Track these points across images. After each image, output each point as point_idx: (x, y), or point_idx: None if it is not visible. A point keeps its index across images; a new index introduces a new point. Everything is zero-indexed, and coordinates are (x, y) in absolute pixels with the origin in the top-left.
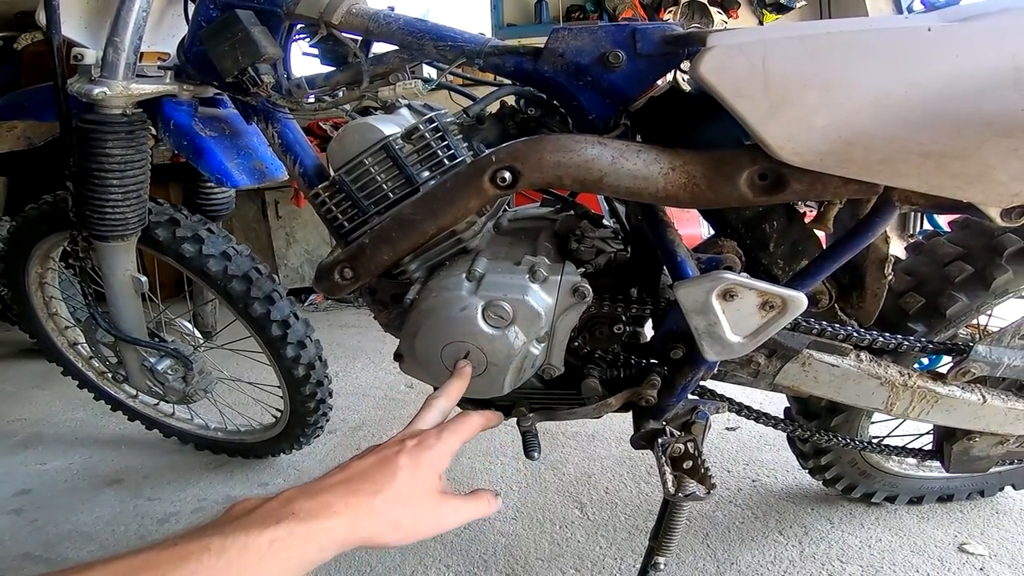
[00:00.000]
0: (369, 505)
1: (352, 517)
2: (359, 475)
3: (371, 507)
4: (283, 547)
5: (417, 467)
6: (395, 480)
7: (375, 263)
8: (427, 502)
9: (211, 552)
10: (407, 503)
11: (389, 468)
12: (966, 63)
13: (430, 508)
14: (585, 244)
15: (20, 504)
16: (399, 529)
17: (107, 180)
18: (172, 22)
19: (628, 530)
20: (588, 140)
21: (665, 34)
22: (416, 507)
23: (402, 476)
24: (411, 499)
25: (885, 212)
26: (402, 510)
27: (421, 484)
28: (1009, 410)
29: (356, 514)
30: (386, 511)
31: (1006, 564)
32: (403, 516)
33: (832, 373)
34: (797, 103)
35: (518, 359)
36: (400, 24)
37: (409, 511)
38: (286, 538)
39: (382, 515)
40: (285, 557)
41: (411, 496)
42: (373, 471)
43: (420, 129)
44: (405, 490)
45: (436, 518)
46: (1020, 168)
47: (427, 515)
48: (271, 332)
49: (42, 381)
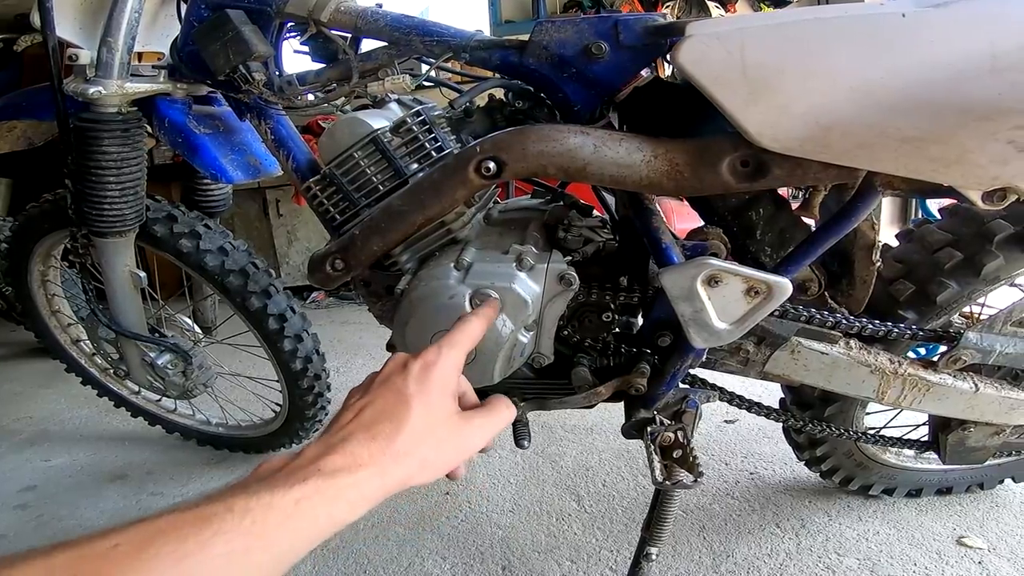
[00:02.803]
0: (392, 450)
1: (378, 468)
2: (374, 416)
3: (395, 452)
4: (310, 505)
5: (428, 393)
6: (410, 413)
7: (366, 254)
8: (447, 428)
9: (234, 513)
10: (428, 436)
11: (401, 402)
12: (941, 49)
13: (452, 434)
14: (573, 233)
15: (25, 500)
16: (427, 466)
17: (104, 177)
18: (165, 22)
19: (625, 522)
20: (571, 130)
21: (647, 25)
22: (438, 438)
23: (416, 407)
24: (431, 430)
25: (868, 197)
26: (425, 446)
27: (437, 411)
28: (1003, 399)
29: (381, 463)
30: (411, 451)
31: (1005, 558)
32: (428, 451)
33: (822, 361)
34: (775, 90)
35: (507, 347)
36: (388, 20)
37: (432, 444)
38: (313, 496)
39: (407, 456)
40: (312, 516)
41: (430, 427)
42: (387, 408)
43: (408, 122)
44: (422, 423)
45: (460, 442)
46: (998, 151)
47: (451, 443)
48: (268, 326)
49: (47, 380)
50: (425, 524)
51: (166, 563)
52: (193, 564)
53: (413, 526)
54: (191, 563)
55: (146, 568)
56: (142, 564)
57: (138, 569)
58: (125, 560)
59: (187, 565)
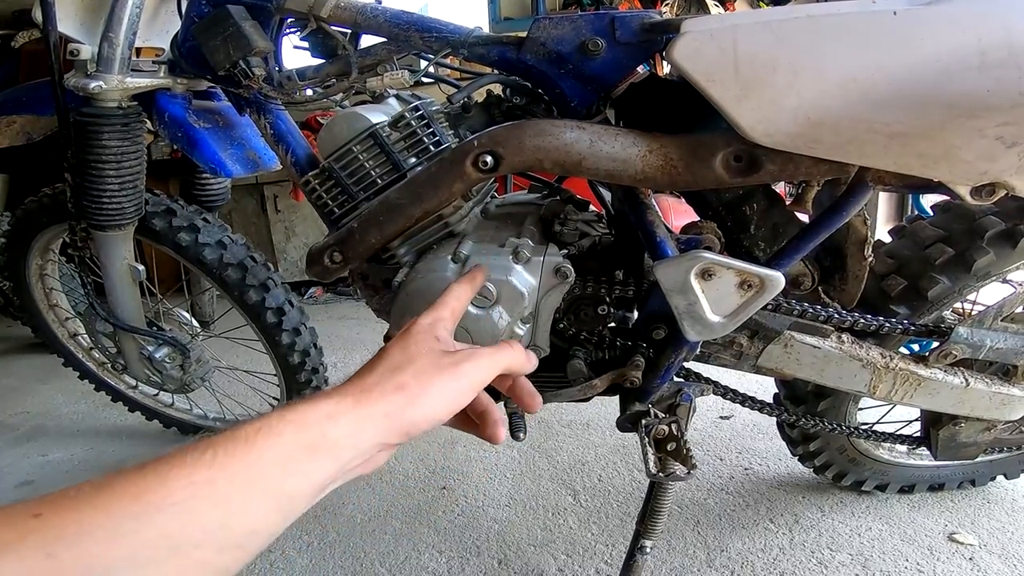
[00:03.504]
0: (364, 384)
1: (349, 398)
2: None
3: (365, 384)
4: (272, 432)
5: (405, 338)
6: (384, 354)
7: (363, 246)
8: (429, 359)
9: (196, 449)
10: (406, 366)
11: (377, 354)
12: (931, 46)
13: (435, 362)
14: (569, 227)
15: (22, 495)
16: (412, 395)
17: (104, 171)
18: (166, 18)
19: (620, 517)
20: (567, 124)
21: (643, 22)
22: (417, 366)
23: (391, 350)
24: (409, 361)
25: (859, 192)
26: (402, 373)
27: (414, 348)
28: (993, 394)
29: (352, 394)
30: (383, 381)
31: (996, 554)
32: (405, 377)
33: (814, 355)
34: (767, 86)
35: (503, 339)
36: (387, 16)
37: (411, 372)
38: (276, 424)
39: (380, 385)
40: (278, 446)
41: (408, 359)
42: (369, 362)
43: (406, 117)
44: (398, 357)
45: (450, 372)
46: (986, 147)
47: (435, 371)
48: (266, 319)
49: (44, 375)
50: (422, 518)
51: (126, 496)
52: (154, 497)
53: (410, 520)
54: (151, 496)
55: (105, 501)
56: (102, 499)
57: (97, 504)
58: (85, 497)
59: (148, 498)
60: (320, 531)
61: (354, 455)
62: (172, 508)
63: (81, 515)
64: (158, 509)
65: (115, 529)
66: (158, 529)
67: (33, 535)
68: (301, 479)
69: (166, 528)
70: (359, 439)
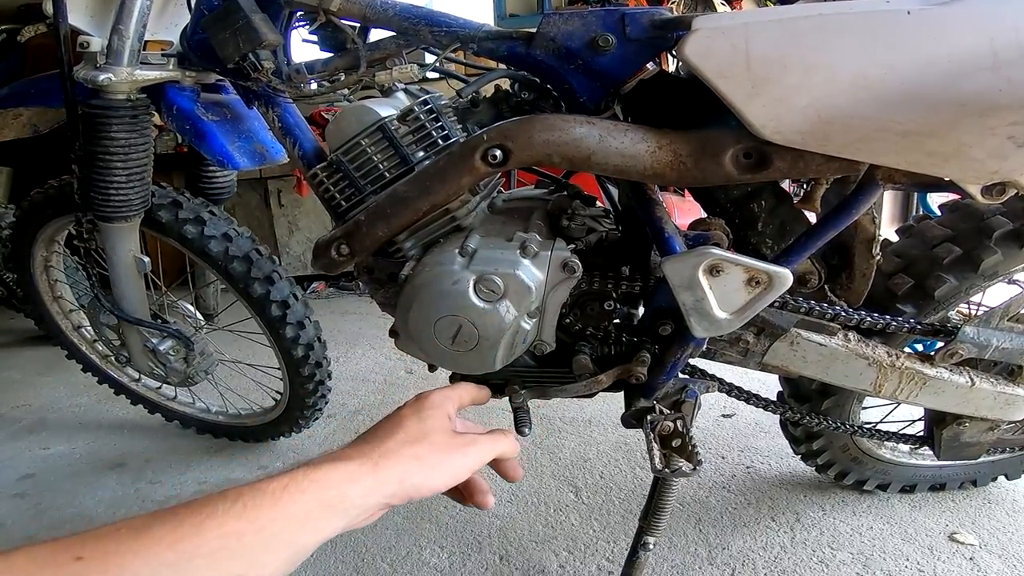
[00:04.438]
0: (382, 448)
1: (367, 460)
2: (367, 433)
3: (384, 449)
4: (297, 489)
5: (420, 409)
6: (402, 421)
7: (370, 239)
8: (441, 435)
9: (226, 499)
10: (421, 439)
11: (395, 416)
12: (944, 46)
13: (447, 440)
14: (576, 222)
15: (24, 488)
16: (424, 464)
17: (111, 163)
18: (175, 11)
19: (622, 514)
20: (577, 120)
21: (654, 18)
22: (431, 441)
23: (408, 417)
24: (424, 435)
25: (869, 190)
26: (418, 445)
27: (429, 422)
28: (998, 394)
29: (371, 456)
30: (400, 449)
31: (996, 554)
32: (420, 449)
33: (820, 353)
34: (778, 83)
35: (509, 334)
36: (396, 10)
37: (426, 445)
38: (301, 480)
39: (397, 453)
40: (301, 502)
41: (423, 432)
42: (381, 425)
43: (415, 111)
44: (415, 428)
45: (457, 452)
46: (997, 146)
47: (446, 449)
48: (271, 312)
49: (47, 368)
50: (423, 513)
51: (163, 544)
52: (188, 546)
53: (411, 515)
54: (186, 545)
55: (144, 547)
56: (141, 545)
57: (137, 550)
58: (126, 541)
59: (183, 547)
60: None
61: (361, 513)
62: (203, 558)
63: (122, 560)
64: (191, 559)
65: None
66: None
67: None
68: (315, 533)
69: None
70: (370, 500)
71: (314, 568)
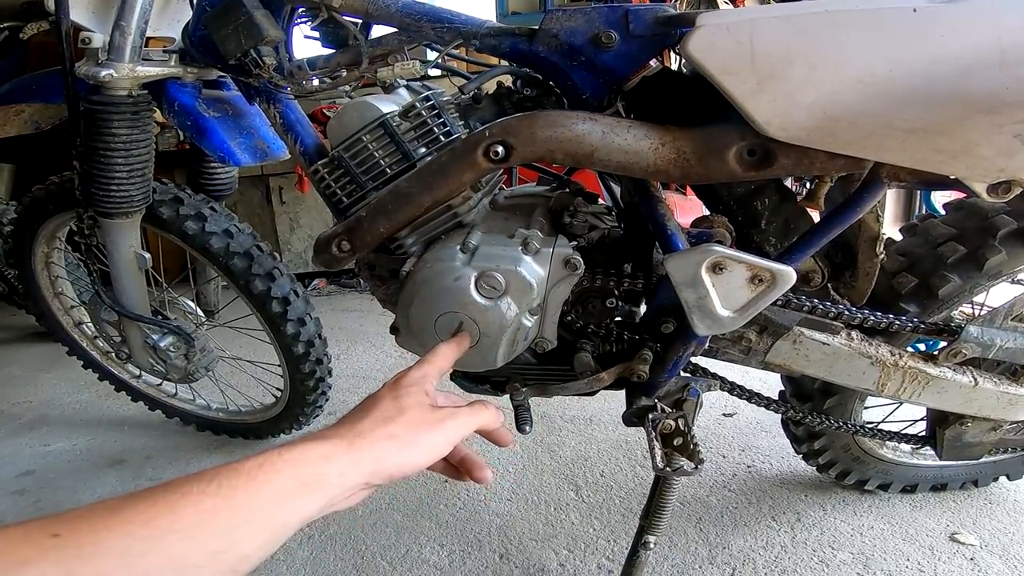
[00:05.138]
0: (359, 428)
1: (343, 441)
2: (349, 413)
3: (360, 429)
4: (272, 468)
5: (396, 388)
6: (378, 401)
7: (372, 235)
8: (419, 411)
9: (202, 479)
10: (397, 416)
11: (371, 398)
12: (951, 43)
13: (424, 416)
14: (578, 219)
15: (24, 485)
16: (401, 444)
17: (113, 159)
18: (177, 7)
19: (622, 512)
20: (579, 116)
21: (657, 15)
22: (408, 418)
23: (384, 397)
24: (401, 412)
25: (873, 188)
26: (395, 424)
27: (406, 399)
28: (1001, 394)
29: (347, 437)
30: (376, 428)
31: (997, 555)
32: (397, 428)
33: (823, 351)
34: (783, 80)
35: (511, 331)
36: (399, 6)
37: (403, 423)
38: (276, 461)
39: (373, 432)
40: (277, 480)
41: (400, 410)
42: (358, 407)
43: (417, 107)
44: (391, 407)
45: (437, 427)
46: (1004, 144)
47: (425, 425)
48: (272, 309)
49: (48, 364)
50: (423, 511)
51: (137, 521)
52: (163, 523)
53: (411, 513)
54: (161, 522)
55: (119, 524)
56: (116, 522)
57: (112, 526)
58: (101, 519)
59: (157, 523)
60: (322, 524)
61: (340, 492)
62: (178, 534)
63: (97, 536)
64: (165, 534)
65: (127, 550)
66: (166, 552)
67: (52, 553)
68: (293, 512)
69: (173, 551)
70: (347, 479)
71: (314, 566)
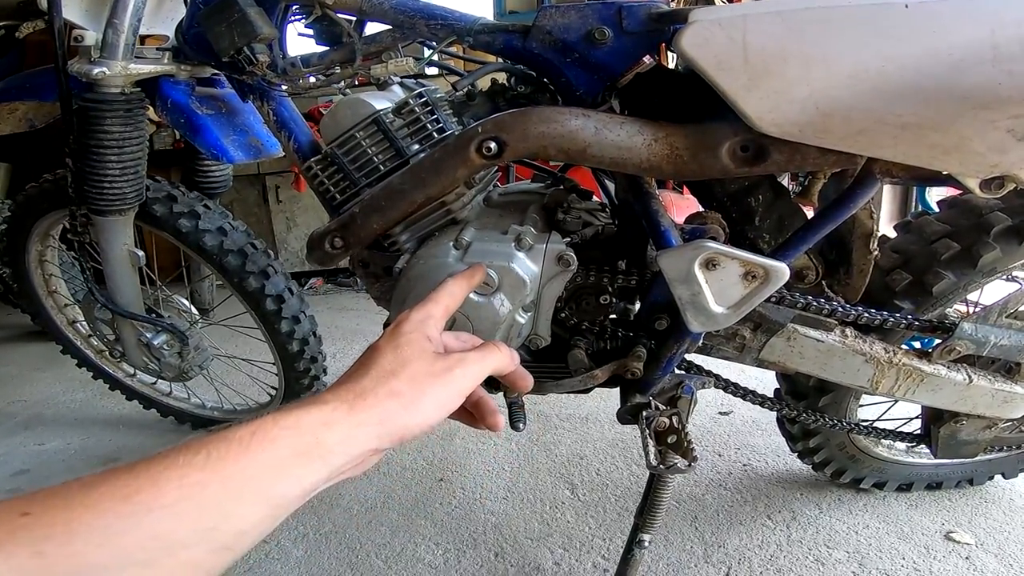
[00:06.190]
0: (358, 387)
1: (343, 403)
2: (349, 370)
3: (360, 388)
4: (266, 436)
5: (396, 338)
6: (376, 356)
7: (365, 232)
8: (422, 362)
9: (189, 449)
10: (399, 371)
11: (369, 352)
12: (943, 38)
13: (428, 367)
14: (572, 215)
15: (17, 484)
16: (405, 401)
17: (105, 156)
18: (170, 5)
19: (618, 511)
20: (572, 112)
21: (651, 11)
22: (411, 372)
23: (384, 350)
24: (403, 366)
25: (867, 184)
26: (396, 379)
27: (406, 351)
28: (996, 392)
29: (346, 399)
30: (377, 386)
31: (992, 553)
32: (399, 384)
33: (817, 349)
34: (776, 76)
35: (504, 327)
36: (393, 3)
37: (404, 378)
38: (271, 428)
39: (375, 391)
40: (272, 449)
41: (401, 363)
42: (356, 364)
43: (410, 104)
44: (390, 361)
45: (442, 377)
46: (997, 139)
47: (428, 377)
48: (266, 307)
49: (43, 363)
50: (418, 510)
51: (116, 497)
52: (145, 498)
53: (406, 512)
54: (143, 497)
55: (95, 501)
56: (92, 499)
57: (88, 504)
58: (76, 496)
59: (139, 499)
60: (316, 522)
61: (346, 460)
62: (163, 510)
63: (71, 514)
64: (149, 510)
65: (105, 529)
66: (148, 530)
67: (22, 532)
68: (293, 483)
69: (156, 529)
70: (352, 445)
71: (308, 564)
